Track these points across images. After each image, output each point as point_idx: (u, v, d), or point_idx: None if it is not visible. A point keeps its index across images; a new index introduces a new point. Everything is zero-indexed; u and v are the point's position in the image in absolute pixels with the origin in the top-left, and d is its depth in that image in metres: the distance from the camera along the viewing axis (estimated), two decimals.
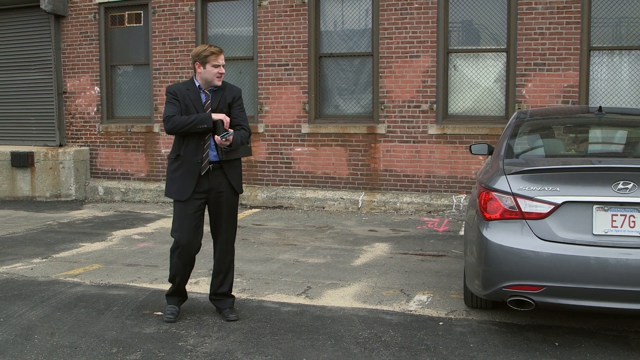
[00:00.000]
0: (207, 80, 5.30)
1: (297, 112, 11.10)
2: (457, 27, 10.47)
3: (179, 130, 5.18)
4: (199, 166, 5.25)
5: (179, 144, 5.29)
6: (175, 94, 5.28)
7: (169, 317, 5.38)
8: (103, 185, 12.49)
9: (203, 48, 5.30)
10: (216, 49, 5.29)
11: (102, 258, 7.71)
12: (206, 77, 5.28)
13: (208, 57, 5.24)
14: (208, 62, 5.24)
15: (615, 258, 4.44)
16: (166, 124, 5.21)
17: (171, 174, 5.33)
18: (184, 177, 5.25)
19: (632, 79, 9.69)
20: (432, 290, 6.24)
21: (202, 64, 5.26)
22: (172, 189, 5.34)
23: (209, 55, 5.24)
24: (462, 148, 10.21)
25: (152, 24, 11.97)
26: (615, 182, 4.55)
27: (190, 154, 5.24)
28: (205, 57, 5.24)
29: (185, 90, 5.30)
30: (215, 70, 5.26)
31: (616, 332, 5.12)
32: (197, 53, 5.29)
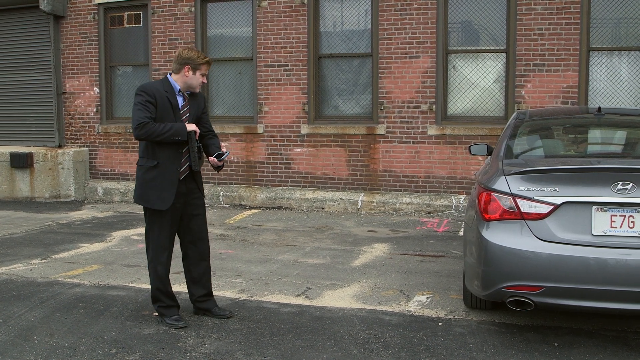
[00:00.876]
0: (190, 86, 5.23)
1: (297, 113, 11.10)
2: (456, 27, 10.47)
3: (152, 139, 5.03)
4: (177, 173, 5.18)
5: (154, 151, 5.12)
6: (152, 96, 5.07)
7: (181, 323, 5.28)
8: (102, 186, 12.49)
9: (198, 54, 5.22)
10: (210, 60, 5.30)
11: (101, 259, 7.71)
12: (191, 82, 5.21)
13: (202, 65, 5.20)
14: (199, 70, 5.20)
15: (614, 258, 4.44)
16: (138, 130, 4.98)
17: (149, 182, 5.13)
18: (164, 185, 5.13)
19: (631, 79, 9.69)
20: (432, 291, 6.24)
21: (193, 70, 5.18)
22: (151, 197, 5.14)
23: (203, 64, 5.21)
24: (461, 149, 10.21)
25: (151, 24, 11.98)
26: (615, 182, 4.55)
27: (168, 162, 5.14)
28: (199, 65, 5.18)
29: (164, 92, 5.14)
30: (201, 79, 5.24)
31: (615, 332, 5.12)
32: (190, 57, 5.18)
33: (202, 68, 5.20)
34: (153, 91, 5.09)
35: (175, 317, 5.30)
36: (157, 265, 5.27)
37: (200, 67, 5.19)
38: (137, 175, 5.24)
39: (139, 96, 5.08)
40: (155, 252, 5.27)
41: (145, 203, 5.20)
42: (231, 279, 6.75)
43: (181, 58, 5.19)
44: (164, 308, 5.33)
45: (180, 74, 5.20)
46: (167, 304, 5.34)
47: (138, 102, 5.06)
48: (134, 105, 5.07)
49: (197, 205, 5.39)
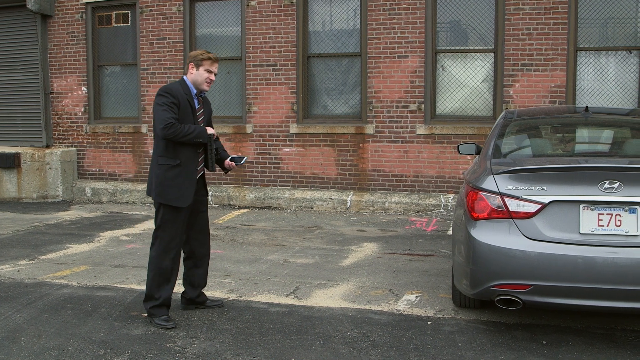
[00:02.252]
0: (197, 83, 5.38)
1: (286, 113, 11.09)
2: (445, 27, 10.50)
3: (177, 139, 5.18)
4: (196, 172, 5.38)
5: (176, 151, 5.27)
6: (176, 97, 5.24)
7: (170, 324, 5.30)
8: (90, 186, 12.43)
9: (201, 52, 5.42)
10: (213, 56, 5.41)
11: (89, 259, 7.68)
12: (196, 79, 5.36)
13: (204, 60, 5.34)
14: (202, 65, 5.34)
15: (601, 257, 4.47)
16: (167, 130, 5.12)
17: (170, 180, 5.26)
18: (185, 183, 5.30)
19: (618, 79, 9.75)
20: (421, 290, 6.26)
21: (197, 66, 5.35)
22: (174, 195, 5.26)
23: (205, 60, 5.35)
24: (450, 148, 10.23)
25: (139, 23, 11.94)
26: (602, 181, 4.58)
27: (188, 161, 5.32)
28: (200, 60, 5.33)
29: (184, 94, 5.31)
30: (206, 75, 5.36)
31: (603, 330, 5.15)
32: (194, 55, 5.39)
33: (204, 64, 5.33)
34: (176, 93, 5.25)
35: (164, 318, 5.30)
36: (164, 260, 5.32)
37: (202, 62, 5.33)
38: (157, 173, 5.32)
39: (163, 97, 5.21)
40: (165, 247, 5.32)
41: (166, 200, 5.29)
42: (220, 279, 6.74)
43: (188, 58, 5.45)
44: (155, 308, 5.33)
45: (188, 73, 5.40)
46: (159, 303, 5.33)
47: (163, 102, 5.19)
48: (159, 105, 5.19)
49: (203, 202, 5.63)
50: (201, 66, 5.34)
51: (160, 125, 5.13)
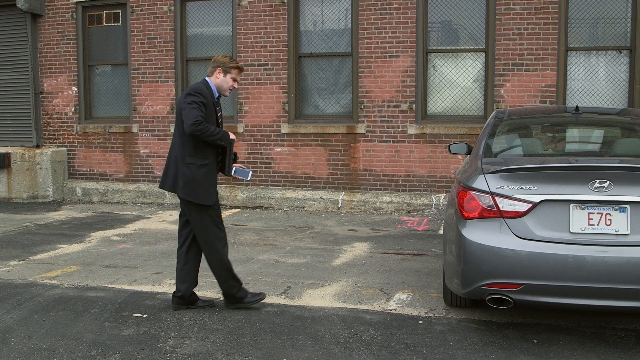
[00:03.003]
0: (221, 89, 5.57)
1: (277, 112, 11.08)
2: (436, 27, 10.52)
3: (203, 137, 5.31)
4: (216, 173, 5.65)
5: (204, 151, 5.44)
6: (205, 97, 5.41)
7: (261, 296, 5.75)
8: (81, 186, 12.39)
9: (229, 59, 5.59)
10: (241, 66, 5.67)
11: (80, 260, 7.65)
12: (222, 85, 5.56)
13: (232, 69, 5.56)
14: (230, 73, 5.56)
15: (592, 256, 4.49)
16: (196, 126, 5.24)
17: (201, 179, 5.45)
18: (211, 182, 5.53)
19: (608, 78, 9.79)
20: (412, 289, 6.26)
21: (224, 72, 5.55)
22: (201, 193, 5.45)
23: (234, 68, 5.57)
24: (441, 147, 10.25)
25: (130, 23, 11.90)
26: (592, 180, 4.60)
27: (213, 162, 5.55)
28: (229, 68, 5.55)
29: (209, 95, 5.49)
30: (231, 83, 5.59)
31: (594, 328, 5.17)
32: (223, 61, 5.56)
33: (232, 72, 5.56)
34: (205, 94, 5.44)
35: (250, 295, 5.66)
36: (221, 254, 5.54)
37: (230, 70, 5.55)
38: (184, 172, 5.44)
39: (194, 96, 5.37)
40: (217, 242, 5.53)
41: (195, 199, 5.44)
42: (211, 279, 6.69)
43: (215, 62, 5.58)
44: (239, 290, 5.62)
45: (213, 76, 5.57)
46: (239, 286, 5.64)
47: (193, 101, 5.34)
48: (189, 103, 5.33)
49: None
50: (229, 73, 5.55)
51: (190, 122, 5.25)
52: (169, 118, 11.74)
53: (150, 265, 7.33)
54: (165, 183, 5.58)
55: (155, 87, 11.81)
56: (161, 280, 6.69)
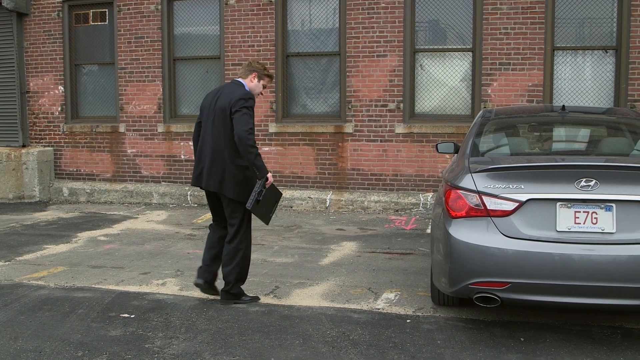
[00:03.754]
0: (253, 92, 5.81)
1: (264, 112, 11.06)
2: (423, 26, 10.54)
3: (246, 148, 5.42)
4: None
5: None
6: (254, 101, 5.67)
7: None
8: (68, 186, 12.32)
9: (263, 67, 5.92)
10: (273, 74, 6.10)
11: (67, 260, 7.61)
12: (254, 89, 5.84)
13: (266, 76, 5.91)
14: (263, 80, 5.89)
15: (578, 254, 4.51)
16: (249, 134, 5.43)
17: (250, 180, 5.64)
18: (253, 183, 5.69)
19: (594, 78, 9.85)
20: (400, 288, 6.28)
21: (259, 78, 5.86)
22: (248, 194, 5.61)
23: (267, 76, 5.92)
24: (428, 147, 10.27)
25: (117, 22, 11.84)
26: (578, 179, 4.62)
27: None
28: (263, 75, 5.88)
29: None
30: (262, 89, 5.94)
31: (580, 326, 5.20)
32: (259, 67, 5.87)
33: (265, 79, 5.90)
34: (253, 98, 5.70)
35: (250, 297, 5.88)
36: (249, 251, 5.82)
37: (264, 77, 5.89)
38: (234, 173, 5.59)
39: (247, 101, 5.57)
40: (249, 241, 5.82)
41: (244, 199, 5.61)
42: None
43: (251, 66, 5.88)
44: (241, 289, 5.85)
45: (247, 79, 5.82)
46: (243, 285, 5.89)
47: (249, 107, 5.57)
48: (245, 107, 5.52)
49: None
50: (262, 80, 5.88)
51: (244, 127, 5.44)
52: (156, 117, 11.70)
53: (137, 265, 7.30)
54: (209, 183, 5.64)
55: (142, 87, 11.76)
56: (149, 280, 6.67)
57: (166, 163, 11.74)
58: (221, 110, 5.59)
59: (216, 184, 5.60)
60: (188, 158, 11.53)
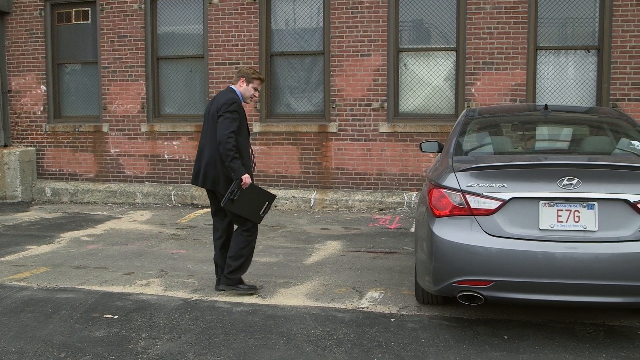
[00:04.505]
0: (244, 96, 6.08)
1: (248, 111, 11.03)
2: (407, 26, 10.56)
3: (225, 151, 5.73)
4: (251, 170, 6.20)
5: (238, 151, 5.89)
6: (240, 108, 5.92)
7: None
8: (50, 187, 12.23)
9: (252, 71, 6.13)
10: (262, 77, 6.19)
11: (49, 261, 7.55)
12: (245, 93, 6.08)
13: (255, 79, 6.08)
14: (252, 83, 6.07)
15: (561, 252, 4.54)
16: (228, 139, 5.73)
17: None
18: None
19: (577, 77, 9.92)
20: (384, 287, 6.29)
21: (247, 82, 6.07)
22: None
23: (256, 79, 6.10)
24: (412, 146, 10.30)
25: (100, 21, 11.77)
26: (561, 178, 4.65)
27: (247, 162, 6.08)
28: (252, 79, 6.07)
29: (242, 104, 6.01)
30: (253, 92, 6.11)
31: (563, 324, 5.23)
32: (246, 72, 6.10)
33: (254, 82, 6.08)
34: (239, 103, 5.96)
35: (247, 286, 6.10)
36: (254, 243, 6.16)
37: (253, 80, 6.07)
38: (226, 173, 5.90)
39: (232, 106, 5.85)
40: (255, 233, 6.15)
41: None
42: (183, 279, 6.69)
43: (239, 72, 6.14)
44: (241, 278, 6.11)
45: (237, 84, 6.09)
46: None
47: (233, 110, 5.84)
48: (229, 112, 5.81)
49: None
50: (251, 83, 6.07)
51: (225, 131, 5.75)
52: (139, 117, 11.64)
53: (121, 265, 7.27)
54: (206, 182, 6.01)
55: (125, 86, 11.70)
56: (132, 280, 6.63)
57: (150, 163, 11.69)
58: (212, 115, 5.95)
59: (211, 183, 5.97)
60: (172, 158, 11.49)
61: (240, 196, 5.82)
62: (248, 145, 6.09)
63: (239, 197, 5.82)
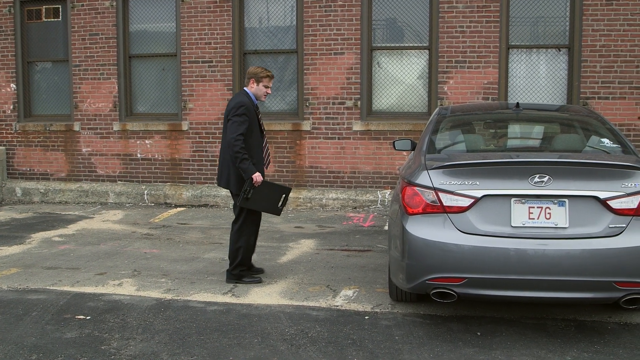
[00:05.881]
0: (257, 96, 6.39)
1: (222, 109, 10.98)
2: (380, 24, 10.59)
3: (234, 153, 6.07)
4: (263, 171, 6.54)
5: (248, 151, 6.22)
6: (248, 109, 6.19)
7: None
8: (21, 186, 12.07)
9: (260, 69, 6.38)
10: (270, 74, 6.41)
11: (20, 262, 7.45)
12: (257, 93, 6.37)
13: (263, 78, 6.34)
14: (262, 82, 6.34)
15: (533, 249, 4.59)
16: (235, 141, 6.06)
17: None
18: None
19: (548, 76, 10.02)
20: (358, 285, 6.30)
21: (257, 82, 6.34)
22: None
23: (265, 77, 6.34)
24: (386, 144, 10.33)
25: (71, 19, 11.64)
26: (532, 175, 4.70)
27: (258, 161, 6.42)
28: (261, 78, 6.33)
29: (251, 104, 6.27)
30: (265, 90, 6.39)
31: (535, 320, 5.29)
32: (255, 72, 6.36)
33: (264, 80, 6.34)
34: (247, 105, 6.21)
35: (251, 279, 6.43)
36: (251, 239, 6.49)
37: (262, 79, 6.34)
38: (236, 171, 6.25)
39: (240, 109, 6.15)
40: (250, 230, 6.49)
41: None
42: (156, 278, 6.64)
43: (248, 73, 6.42)
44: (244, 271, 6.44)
45: (249, 86, 6.37)
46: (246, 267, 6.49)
47: (241, 114, 6.14)
48: (237, 115, 6.13)
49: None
50: (261, 82, 6.33)
51: (234, 135, 6.08)
52: (111, 116, 11.53)
53: (93, 266, 7.19)
54: (220, 181, 6.44)
55: (97, 85, 11.58)
56: (105, 281, 6.57)
57: (122, 162, 11.58)
58: (225, 119, 6.32)
59: (225, 182, 6.37)
60: (144, 157, 11.40)
61: (255, 194, 6.15)
62: (261, 144, 6.43)
63: (255, 195, 6.15)
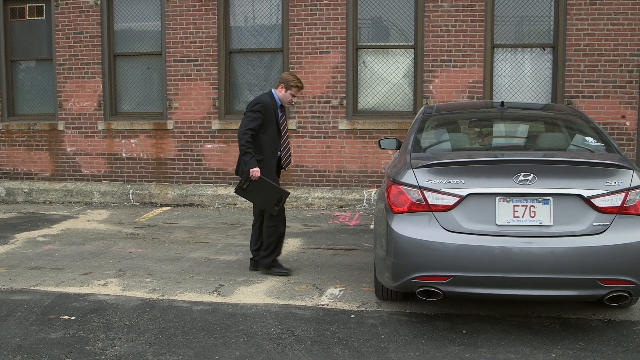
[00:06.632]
0: (283, 101, 6.69)
1: (207, 109, 10.96)
2: (366, 23, 10.60)
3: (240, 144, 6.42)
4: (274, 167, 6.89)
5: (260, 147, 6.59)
6: (265, 107, 6.50)
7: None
8: (4, 186, 11.97)
9: (293, 78, 6.67)
10: (301, 84, 6.69)
11: (4, 262, 7.39)
12: (283, 98, 6.67)
13: (293, 87, 6.63)
14: (290, 90, 6.62)
15: (517, 247, 4.61)
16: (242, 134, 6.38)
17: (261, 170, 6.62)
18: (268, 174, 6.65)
19: (533, 75, 10.07)
20: (344, 284, 6.31)
21: (286, 88, 6.62)
22: None
23: (294, 87, 6.63)
24: (372, 143, 10.35)
25: (55, 17, 11.56)
26: (517, 174, 4.72)
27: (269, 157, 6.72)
28: (290, 86, 6.62)
29: (271, 105, 6.57)
30: (291, 98, 6.69)
31: (520, 318, 5.32)
32: (287, 79, 6.65)
33: (292, 90, 6.64)
34: (265, 103, 6.53)
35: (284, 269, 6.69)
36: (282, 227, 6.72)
37: (291, 88, 6.63)
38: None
39: (254, 106, 6.51)
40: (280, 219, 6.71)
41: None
42: (142, 278, 6.61)
43: (281, 78, 6.71)
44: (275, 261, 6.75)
45: (277, 89, 6.68)
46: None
47: (253, 110, 6.47)
48: (250, 111, 6.48)
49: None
50: (289, 90, 6.62)
51: (242, 128, 6.42)
52: (96, 115, 11.47)
53: (78, 266, 7.15)
54: (238, 171, 6.68)
55: (81, 83, 11.51)
56: (90, 281, 6.53)
57: (107, 161, 11.52)
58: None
59: (240, 172, 6.60)
60: (129, 156, 11.34)
61: (251, 187, 6.46)
62: (277, 142, 6.67)
63: (251, 188, 6.47)
